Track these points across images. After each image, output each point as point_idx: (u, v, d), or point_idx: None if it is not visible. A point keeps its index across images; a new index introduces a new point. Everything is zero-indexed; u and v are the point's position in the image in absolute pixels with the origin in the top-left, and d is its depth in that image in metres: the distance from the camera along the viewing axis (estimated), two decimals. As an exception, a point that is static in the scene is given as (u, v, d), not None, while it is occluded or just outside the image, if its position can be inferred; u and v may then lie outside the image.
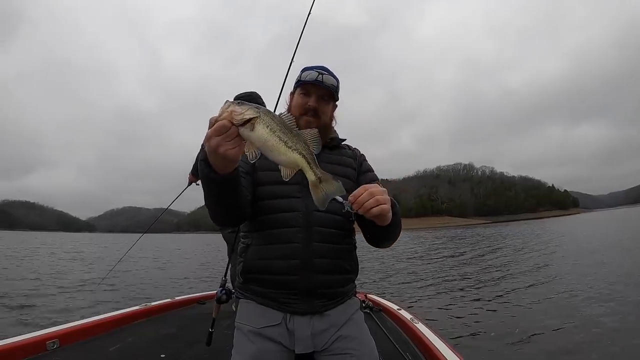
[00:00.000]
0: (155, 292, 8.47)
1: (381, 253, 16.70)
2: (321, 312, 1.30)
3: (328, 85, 1.40)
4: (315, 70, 1.41)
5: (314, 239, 1.29)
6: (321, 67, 1.44)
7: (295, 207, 1.31)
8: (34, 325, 5.45)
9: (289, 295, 1.28)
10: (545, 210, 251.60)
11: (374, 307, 3.17)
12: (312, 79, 1.39)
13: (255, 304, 1.31)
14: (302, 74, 1.43)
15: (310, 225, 1.29)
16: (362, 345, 1.28)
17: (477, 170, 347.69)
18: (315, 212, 1.28)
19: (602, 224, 39.15)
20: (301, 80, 1.42)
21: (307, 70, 1.43)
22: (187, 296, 3.72)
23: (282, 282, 1.27)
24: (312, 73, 1.40)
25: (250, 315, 1.29)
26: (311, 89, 1.40)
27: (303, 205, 1.30)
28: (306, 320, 1.27)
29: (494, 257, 14.60)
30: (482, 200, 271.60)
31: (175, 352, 2.31)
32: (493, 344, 4.48)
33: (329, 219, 1.32)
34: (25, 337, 2.07)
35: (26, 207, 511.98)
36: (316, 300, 1.29)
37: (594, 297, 6.54)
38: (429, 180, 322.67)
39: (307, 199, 1.24)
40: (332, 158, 1.45)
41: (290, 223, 1.29)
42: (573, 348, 4.21)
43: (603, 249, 13.87)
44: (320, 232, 1.30)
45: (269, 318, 1.26)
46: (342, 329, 1.29)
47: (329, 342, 1.26)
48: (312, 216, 1.30)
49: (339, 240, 1.35)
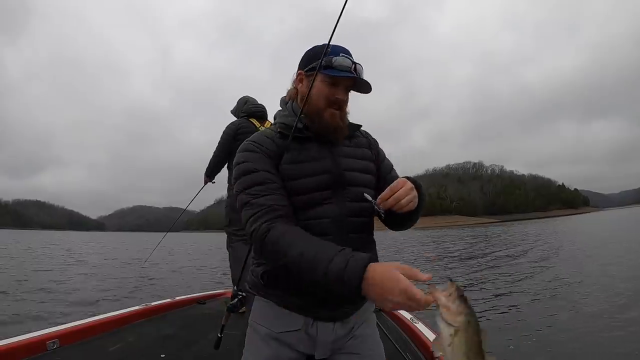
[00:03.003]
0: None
1: (381, 254, 16.63)
2: (346, 318, 1.20)
3: (362, 78, 1.19)
4: (345, 55, 1.17)
5: (350, 246, 1.02)
6: (345, 49, 1.20)
7: (327, 213, 1.15)
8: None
9: (315, 303, 1.13)
10: (555, 209, 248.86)
11: (374, 307, 3.16)
12: (346, 68, 1.16)
13: (274, 305, 1.18)
14: (335, 58, 1.16)
15: (344, 231, 1.15)
16: (374, 346, 1.24)
17: (487, 168, 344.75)
18: (349, 217, 1.17)
19: (611, 223, 38.69)
20: (332, 67, 1.16)
21: (338, 56, 1.16)
22: (187, 296, 3.74)
23: (311, 292, 1.08)
24: (346, 61, 1.16)
25: (268, 317, 1.19)
26: (341, 79, 1.17)
27: (336, 211, 1.16)
28: (330, 327, 1.17)
29: (496, 257, 14.54)
30: (492, 199, 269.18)
31: (175, 352, 2.33)
32: (493, 344, 4.44)
33: (361, 223, 1.21)
34: (25, 337, 2.09)
35: (37, 206, 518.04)
36: (343, 307, 1.18)
37: (597, 297, 6.49)
38: (438, 178, 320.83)
39: (340, 204, 1.16)
40: (351, 152, 1.26)
41: (320, 231, 1.10)
42: (574, 348, 4.19)
43: (601, 250, 13.73)
44: (355, 238, 1.16)
45: (289, 323, 1.15)
46: (357, 329, 1.23)
47: (344, 343, 1.20)
48: (347, 222, 1.16)
49: (367, 244, 1.24)
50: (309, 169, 1.16)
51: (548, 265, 11.02)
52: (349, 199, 1.17)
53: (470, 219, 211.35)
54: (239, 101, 3.60)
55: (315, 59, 1.18)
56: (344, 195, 1.17)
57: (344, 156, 1.23)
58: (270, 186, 1.10)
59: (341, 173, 1.19)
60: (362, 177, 1.23)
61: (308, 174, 1.15)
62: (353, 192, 1.18)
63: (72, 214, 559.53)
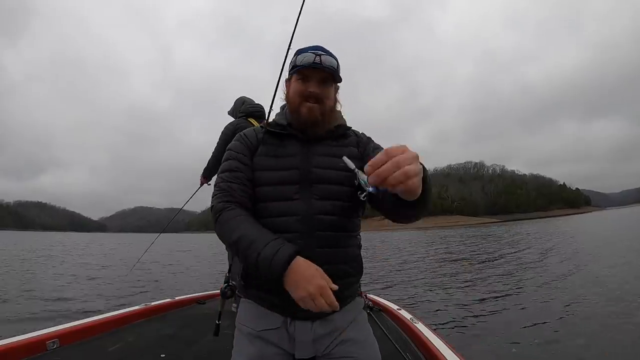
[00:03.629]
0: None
1: (383, 252, 16.60)
2: (324, 317, 1.19)
3: (328, 67, 1.21)
4: (310, 51, 1.22)
5: (316, 244, 1.15)
6: (317, 47, 1.25)
7: (293, 210, 1.16)
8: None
9: (289, 301, 1.11)
10: (556, 209, 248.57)
11: (374, 307, 3.16)
12: (309, 63, 1.20)
13: (256, 305, 1.23)
14: (297, 57, 1.23)
15: (312, 230, 1.15)
16: (365, 349, 1.21)
17: (488, 168, 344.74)
18: (317, 215, 1.16)
19: (613, 222, 38.62)
20: (297, 65, 1.22)
21: (302, 53, 1.23)
22: (187, 296, 3.74)
23: (282, 289, 1.08)
24: (308, 55, 1.21)
25: (250, 317, 1.22)
26: (310, 73, 1.21)
27: (303, 208, 1.16)
28: (307, 325, 1.18)
29: (497, 257, 14.45)
30: (493, 199, 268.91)
31: (175, 352, 2.33)
32: (494, 344, 4.45)
33: (332, 222, 1.18)
34: (25, 337, 2.09)
35: (38, 207, 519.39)
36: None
37: (599, 295, 6.47)
38: (440, 178, 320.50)
39: (308, 201, 1.17)
40: (331, 151, 1.26)
41: (286, 228, 1.14)
42: (575, 347, 4.17)
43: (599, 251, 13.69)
44: (323, 236, 1.16)
45: (269, 321, 1.19)
46: (345, 331, 1.21)
47: (330, 346, 1.18)
48: (313, 220, 1.16)
49: (342, 243, 1.22)
50: (280, 163, 1.22)
51: (552, 265, 10.98)
52: (317, 197, 1.18)
53: (472, 219, 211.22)
54: (236, 102, 3.61)
55: (291, 66, 1.29)
56: (312, 192, 1.18)
57: (322, 154, 1.24)
58: (237, 174, 1.21)
59: (309, 170, 1.20)
60: (337, 174, 1.20)
61: (276, 168, 1.21)
62: (322, 189, 1.19)
63: (73, 216, 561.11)
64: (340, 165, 0.95)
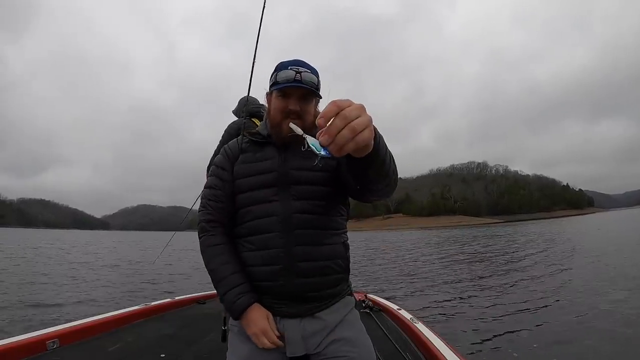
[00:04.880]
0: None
1: (384, 251, 16.56)
2: (311, 315, 1.25)
3: (308, 84, 1.22)
4: (290, 68, 1.22)
5: (296, 242, 1.21)
6: (297, 61, 1.24)
7: (272, 211, 1.23)
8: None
9: (275, 300, 1.24)
10: (560, 210, 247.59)
11: (374, 307, 3.17)
12: (288, 80, 1.21)
13: None
14: (278, 73, 1.23)
15: (290, 228, 1.22)
16: (358, 347, 1.24)
17: (491, 168, 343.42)
18: (295, 214, 1.22)
19: (617, 223, 38.49)
20: (278, 83, 1.23)
21: (282, 70, 1.23)
22: (186, 296, 3.76)
23: (266, 288, 1.23)
24: (288, 73, 1.21)
25: None
26: (290, 90, 1.22)
27: (281, 209, 1.23)
28: (296, 323, 1.23)
29: (498, 257, 14.51)
30: (496, 199, 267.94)
31: (175, 352, 2.33)
32: (494, 344, 4.45)
33: (311, 220, 1.24)
34: (25, 337, 2.10)
35: (41, 205, 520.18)
36: (305, 304, 1.24)
37: (599, 296, 6.47)
38: (442, 178, 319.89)
39: (285, 202, 1.23)
40: (309, 153, 1.20)
41: (267, 228, 1.23)
42: (576, 347, 4.18)
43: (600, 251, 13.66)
44: (302, 234, 1.22)
45: None
46: (336, 331, 1.25)
47: (322, 344, 1.22)
48: (292, 219, 1.22)
49: (325, 240, 1.26)
50: (258, 168, 1.28)
51: (560, 267, 10.94)
52: (295, 197, 1.24)
53: (474, 219, 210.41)
54: (240, 101, 3.60)
55: (271, 82, 1.30)
56: (290, 193, 1.24)
57: (298, 156, 1.25)
58: (215, 192, 1.33)
59: (287, 172, 1.26)
60: (314, 175, 1.24)
61: (255, 173, 1.28)
62: (300, 190, 1.25)
63: (76, 213, 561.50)
64: (317, 165, 0.82)
